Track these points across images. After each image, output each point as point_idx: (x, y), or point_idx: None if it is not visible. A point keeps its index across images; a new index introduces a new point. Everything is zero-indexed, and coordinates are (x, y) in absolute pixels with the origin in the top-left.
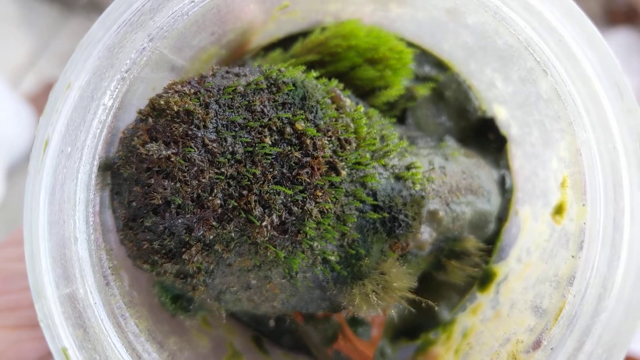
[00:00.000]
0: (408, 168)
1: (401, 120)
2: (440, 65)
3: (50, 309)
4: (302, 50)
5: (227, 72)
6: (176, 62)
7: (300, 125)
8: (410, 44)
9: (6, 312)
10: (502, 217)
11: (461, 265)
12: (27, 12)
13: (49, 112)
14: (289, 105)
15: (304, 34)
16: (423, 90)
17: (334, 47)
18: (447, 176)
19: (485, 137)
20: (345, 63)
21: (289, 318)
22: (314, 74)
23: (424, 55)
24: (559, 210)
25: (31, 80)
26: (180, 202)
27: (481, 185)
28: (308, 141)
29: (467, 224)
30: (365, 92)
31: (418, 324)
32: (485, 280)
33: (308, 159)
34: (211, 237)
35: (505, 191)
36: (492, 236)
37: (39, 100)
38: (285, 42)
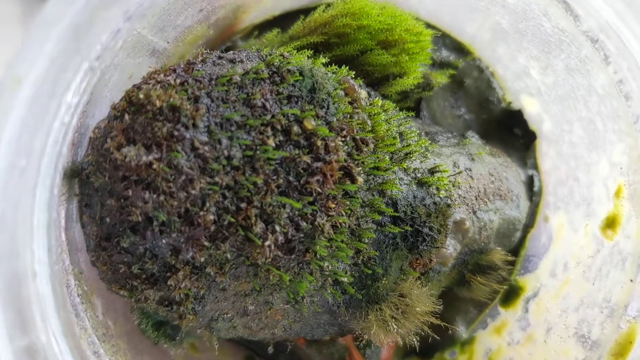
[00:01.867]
0: (432, 172)
1: (415, 111)
2: (459, 49)
3: None
4: (304, 30)
5: (220, 58)
6: (157, 44)
7: (309, 124)
8: (427, 25)
9: None
10: (528, 223)
11: (487, 280)
12: (29, 9)
13: None
14: (296, 99)
15: (304, 11)
16: (441, 78)
17: (341, 27)
18: (474, 180)
19: (510, 133)
20: (355, 46)
21: (290, 344)
22: (323, 59)
23: (441, 38)
24: (610, 223)
25: None
26: (164, 218)
27: (510, 189)
28: (319, 142)
29: (494, 233)
30: (376, 80)
31: (431, 342)
32: (509, 294)
33: (319, 164)
34: (202, 259)
35: (533, 194)
36: (516, 245)
37: None
38: (282, 21)
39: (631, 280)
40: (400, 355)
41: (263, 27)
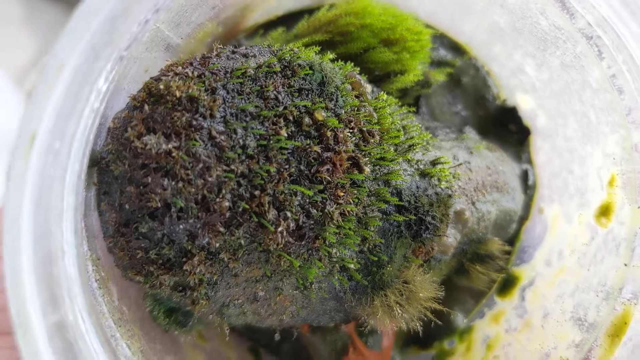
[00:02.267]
0: (434, 163)
1: (414, 108)
2: (456, 48)
3: (37, 346)
4: (309, 29)
5: (234, 52)
6: (172, 39)
7: (320, 115)
8: (426, 26)
9: None
10: (523, 215)
11: (485, 269)
12: (31, 11)
13: (37, 99)
14: (306, 92)
15: (307, 11)
16: (439, 76)
17: (345, 25)
18: (472, 172)
19: (505, 128)
20: (359, 44)
21: (296, 331)
22: (330, 55)
23: (439, 38)
24: (604, 211)
25: (35, 79)
26: (182, 204)
27: (506, 182)
28: (329, 133)
29: (491, 224)
30: (378, 77)
31: (431, 332)
32: (506, 284)
33: (329, 154)
34: (217, 244)
35: (528, 187)
36: (512, 237)
37: None
38: (285, 20)
39: (625, 264)
40: (400, 344)
41: (267, 26)
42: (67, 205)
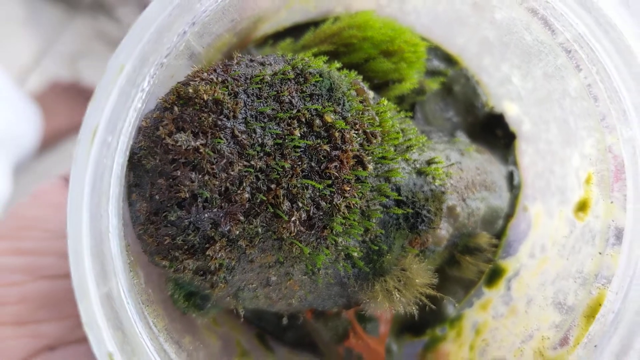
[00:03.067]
0: (429, 163)
1: (410, 113)
2: (448, 59)
3: (93, 312)
4: (314, 40)
5: (252, 61)
6: (195, 48)
7: (329, 117)
8: (421, 39)
9: None
10: (509, 213)
11: (475, 260)
12: (32, 11)
13: (99, 96)
14: (317, 97)
15: (312, 23)
16: (433, 85)
17: (348, 37)
18: (463, 172)
19: (492, 133)
20: (361, 54)
21: (302, 316)
22: (337, 64)
23: (432, 49)
24: (582, 207)
25: (36, 79)
26: (207, 195)
27: (494, 181)
28: (337, 134)
29: (480, 219)
30: (377, 85)
31: (423, 320)
32: (493, 276)
33: (337, 152)
34: (237, 232)
35: (513, 187)
36: (498, 232)
37: (44, 99)
38: (292, 31)
39: (600, 253)
40: (394, 331)
41: (275, 37)
42: (113, 192)
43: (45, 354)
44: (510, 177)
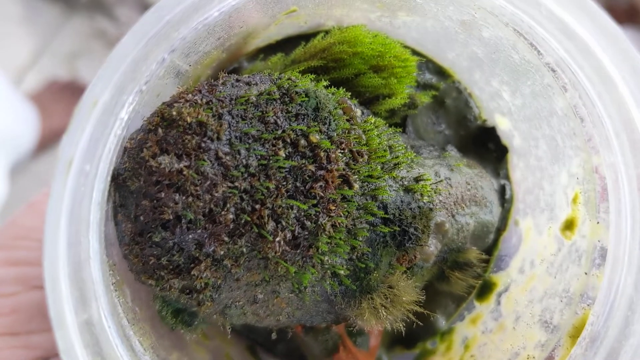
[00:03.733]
0: (417, 180)
1: (401, 127)
2: (441, 73)
3: (71, 340)
4: (305, 55)
5: (238, 81)
6: (181, 67)
7: (314, 138)
8: (413, 52)
9: None
10: (501, 227)
11: (464, 276)
12: (29, 10)
13: (73, 130)
14: (302, 117)
15: (304, 36)
16: (424, 98)
17: (338, 53)
18: (452, 187)
19: (485, 147)
20: (350, 70)
21: (291, 330)
22: (324, 82)
23: (424, 63)
24: (569, 225)
25: (33, 78)
26: (191, 217)
27: (484, 196)
28: (322, 154)
29: (470, 234)
30: (368, 99)
31: (414, 333)
32: (484, 290)
33: (322, 172)
34: (222, 252)
35: (505, 201)
36: (490, 246)
37: (41, 98)
38: (283, 45)
39: (585, 273)
40: (385, 344)
41: (266, 49)
42: (93, 218)
43: None
44: (502, 190)
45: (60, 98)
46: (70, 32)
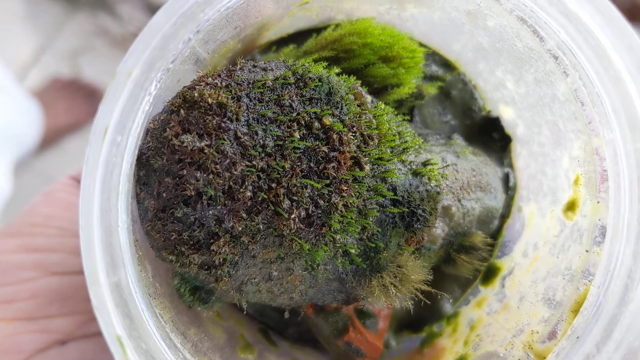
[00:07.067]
0: (424, 164)
1: (408, 117)
2: (446, 65)
3: (103, 297)
4: (316, 46)
5: (254, 67)
6: (200, 54)
7: (327, 120)
8: (420, 45)
9: (3, 304)
10: (505, 213)
11: (470, 259)
12: (32, 8)
13: (109, 99)
14: (316, 101)
15: (314, 30)
16: (431, 89)
17: (348, 44)
18: (458, 173)
19: (489, 136)
20: (360, 60)
21: (303, 310)
22: (336, 70)
23: (431, 55)
24: (571, 206)
25: (36, 76)
26: (212, 193)
27: (489, 182)
28: (335, 136)
29: (475, 219)
30: (377, 89)
31: (421, 317)
32: (489, 274)
33: (335, 153)
34: (239, 228)
35: (509, 189)
36: (494, 232)
37: (44, 95)
38: (295, 38)
39: (587, 251)
40: (393, 328)
41: (278, 43)
42: (122, 189)
43: (56, 348)
44: (506, 179)
45: (62, 95)
46: (73, 29)
